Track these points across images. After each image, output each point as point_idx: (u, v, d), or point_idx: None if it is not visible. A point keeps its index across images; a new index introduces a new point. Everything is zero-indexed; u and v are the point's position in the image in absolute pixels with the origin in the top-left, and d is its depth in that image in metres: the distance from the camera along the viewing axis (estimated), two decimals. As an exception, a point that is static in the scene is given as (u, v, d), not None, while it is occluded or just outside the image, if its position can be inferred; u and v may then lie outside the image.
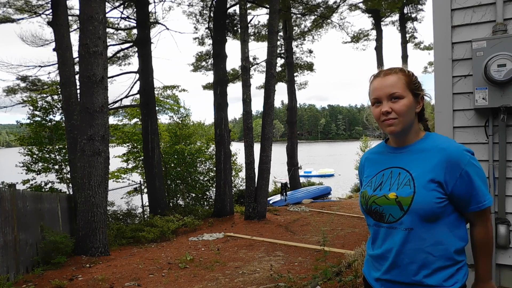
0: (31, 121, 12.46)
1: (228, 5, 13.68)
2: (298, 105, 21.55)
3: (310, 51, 21.74)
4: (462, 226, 1.40)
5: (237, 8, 14.12)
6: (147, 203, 12.85)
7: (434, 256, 1.33)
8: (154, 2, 14.30)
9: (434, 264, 1.33)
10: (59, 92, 10.88)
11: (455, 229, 1.36)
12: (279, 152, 25.33)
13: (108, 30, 13.05)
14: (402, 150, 1.45)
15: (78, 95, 8.52)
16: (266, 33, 14.44)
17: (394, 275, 1.39)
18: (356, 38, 20.92)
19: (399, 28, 20.66)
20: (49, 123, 12.46)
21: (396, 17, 20.71)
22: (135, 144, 15.34)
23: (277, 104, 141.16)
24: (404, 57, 20.40)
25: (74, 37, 26.09)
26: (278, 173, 22.74)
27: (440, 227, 1.34)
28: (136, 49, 13.17)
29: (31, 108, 12.34)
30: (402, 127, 1.39)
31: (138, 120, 15.30)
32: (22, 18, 11.99)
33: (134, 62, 36.00)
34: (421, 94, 1.43)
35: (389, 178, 1.43)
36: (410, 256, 1.35)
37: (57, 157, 12.57)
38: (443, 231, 1.34)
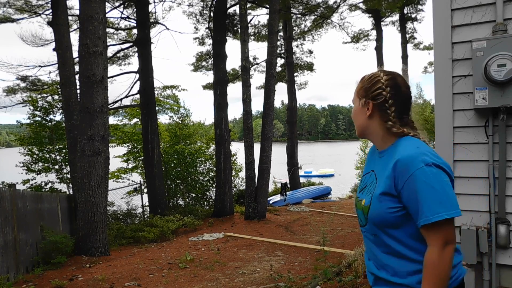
0: (31, 121, 12.46)
1: (228, 5, 13.68)
2: (298, 105, 21.55)
3: (310, 51, 21.76)
4: None
5: (237, 8, 14.13)
6: (147, 203, 12.86)
7: (406, 260, 1.31)
8: (154, 2, 14.31)
9: (407, 267, 1.31)
10: (59, 92, 10.88)
11: (422, 237, 1.28)
12: (279, 152, 25.32)
13: (108, 30, 13.06)
14: (380, 155, 1.45)
15: (78, 95, 8.52)
16: (266, 33, 14.44)
17: (378, 273, 1.42)
18: (356, 38, 20.93)
19: (399, 28, 20.67)
20: (49, 123, 12.46)
21: (396, 17, 20.72)
22: (135, 144, 15.34)
23: (277, 104, 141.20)
24: (404, 57, 20.41)
25: (74, 37, 26.08)
26: (278, 173, 22.73)
27: (405, 234, 1.30)
28: (136, 49, 13.18)
29: (31, 108, 12.34)
30: (358, 132, 1.49)
31: (138, 120, 15.29)
32: (22, 18, 12.00)
33: (134, 62, 35.97)
34: (364, 99, 1.42)
35: (368, 181, 1.48)
36: (383, 259, 1.37)
37: (57, 157, 12.56)
38: (408, 237, 1.30)
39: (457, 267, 1.34)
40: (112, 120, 15.37)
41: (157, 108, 13.56)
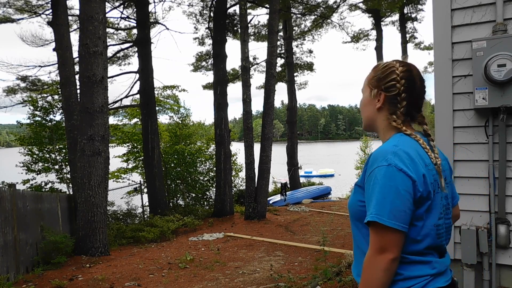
0: (31, 121, 12.46)
1: (228, 5, 13.68)
2: (298, 105, 21.55)
3: (310, 51, 21.76)
4: None
5: (237, 8, 14.13)
6: (147, 203, 12.86)
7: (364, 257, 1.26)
8: (154, 2, 14.31)
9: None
10: (59, 92, 10.89)
11: None
12: (279, 152, 25.32)
13: (108, 30, 13.06)
14: None
15: (78, 95, 8.52)
16: (266, 33, 14.44)
17: (353, 273, 1.40)
18: (356, 38, 20.92)
19: (399, 28, 20.66)
20: (49, 123, 12.47)
21: (396, 17, 20.71)
22: (135, 144, 15.34)
23: (277, 104, 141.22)
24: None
25: (74, 37, 26.10)
26: (278, 173, 22.75)
27: (367, 229, 1.23)
28: (136, 49, 13.18)
29: (31, 108, 12.34)
30: (364, 124, 1.42)
31: (138, 120, 15.30)
32: (22, 18, 12.00)
33: (134, 62, 36.01)
34: (376, 90, 1.34)
35: None
36: (355, 256, 1.36)
37: (57, 157, 12.57)
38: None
39: (404, 282, 1.22)
40: (112, 120, 15.40)
41: (157, 108, 13.56)
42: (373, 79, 1.35)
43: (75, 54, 9.67)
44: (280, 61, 19.74)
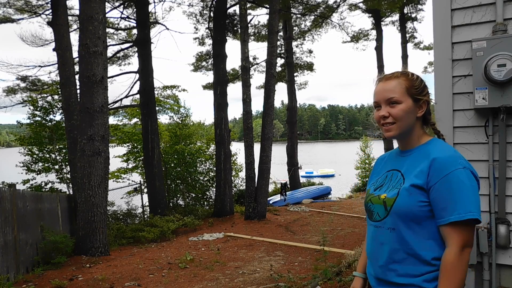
0: (31, 121, 12.46)
1: (228, 5, 13.68)
2: (298, 105, 21.55)
3: (310, 51, 21.75)
4: None
5: (237, 8, 14.13)
6: (147, 203, 12.86)
7: (416, 259, 1.33)
8: (154, 2, 14.31)
9: (417, 269, 1.33)
10: (59, 92, 10.89)
11: (439, 238, 1.33)
12: (279, 152, 25.33)
13: (108, 30, 13.06)
14: (405, 154, 1.48)
15: (78, 95, 8.52)
16: (266, 33, 14.43)
17: (380, 273, 1.43)
18: (356, 38, 20.92)
19: (399, 28, 20.67)
20: (49, 123, 12.46)
21: (396, 17, 20.72)
22: (135, 144, 15.34)
23: (277, 104, 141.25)
24: (404, 57, 20.42)
25: (74, 37, 26.05)
26: (278, 173, 22.72)
27: (425, 231, 1.33)
28: (136, 49, 13.17)
29: (31, 108, 12.34)
30: (400, 132, 1.41)
31: (138, 120, 15.29)
32: (22, 18, 12.01)
33: (134, 62, 35.92)
34: (422, 99, 1.42)
35: (389, 180, 1.48)
36: (392, 256, 1.38)
37: (57, 157, 12.57)
38: (426, 235, 1.33)
39: None
40: (112, 120, 15.39)
41: (157, 108, 13.56)
42: (411, 88, 1.41)
43: (75, 54, 9.68)
44: (280, 61, 19.75)
